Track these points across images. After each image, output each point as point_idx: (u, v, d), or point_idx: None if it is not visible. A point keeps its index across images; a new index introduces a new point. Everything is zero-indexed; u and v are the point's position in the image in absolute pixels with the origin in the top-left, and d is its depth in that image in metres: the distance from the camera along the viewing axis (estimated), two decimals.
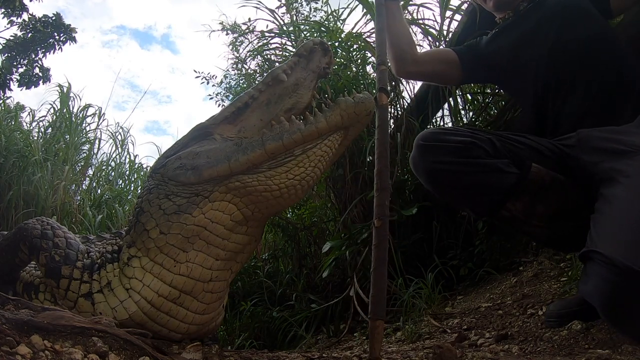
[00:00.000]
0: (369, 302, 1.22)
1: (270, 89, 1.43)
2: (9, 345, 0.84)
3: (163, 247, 1.29)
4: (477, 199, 1.52)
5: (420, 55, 1.97)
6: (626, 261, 1.04)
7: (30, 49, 5.21)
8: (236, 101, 1.43)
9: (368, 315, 1.23)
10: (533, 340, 1.57)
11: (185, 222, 1.28)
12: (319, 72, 1.49)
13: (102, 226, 4.48)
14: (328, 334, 2.67)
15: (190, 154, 1.34)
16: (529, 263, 2.46)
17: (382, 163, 1.32)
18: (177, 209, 1.29)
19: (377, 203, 1.28)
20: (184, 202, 1.29)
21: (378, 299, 1.19)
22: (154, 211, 1.32)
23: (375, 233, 1.26)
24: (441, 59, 1.96)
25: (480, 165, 1.43)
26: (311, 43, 1.47)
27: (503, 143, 1.50)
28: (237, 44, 3.89)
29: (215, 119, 1.42)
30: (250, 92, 1.41)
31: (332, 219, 3.42)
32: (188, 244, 1.29)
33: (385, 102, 1.39)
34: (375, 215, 1.27)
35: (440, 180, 1.51)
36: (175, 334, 1.35)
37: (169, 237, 1.29)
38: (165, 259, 1.30)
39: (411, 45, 1.96)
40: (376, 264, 1.23)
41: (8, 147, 4.71)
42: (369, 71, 3.42)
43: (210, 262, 1.31)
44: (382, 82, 1.43)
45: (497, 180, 1.45)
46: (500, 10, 1.89)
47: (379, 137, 1.36)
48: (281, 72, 1.38)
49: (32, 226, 1.41)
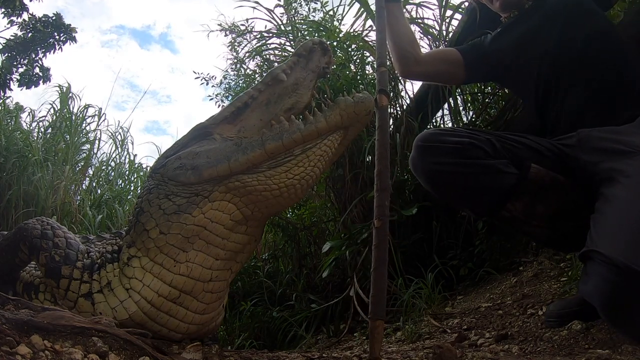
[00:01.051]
0: (369, 302, 1.22)
1: (270, 89, 1.43)
2: (9, 345, 0.84)
3: (163, 247, 1.29)
4: (476, 200, 1.51)
5: (423, 56, 1.96)
6: (626, 261, 1.04)
7: (30, 48, 5.21)
8: (236, 101, 1.43)
9: (368, 315, 1.23)
10: (533, 340, 1.57)
11: (185, 222, 1.28)
12: (318, 71, 1.49)
13: (102, 226, 4.48)
14: (328, 334, 2.66)
15: (190, 154, 1.34)
16: (529, 263, 2.46)
17: (382, 164, 1.32)
18: (177, 209, 1.29)
19: (377, 204, 1.28)
20: (183, 202, 1.29)
21: (378, 299, 1.20)
22: (153, 211, 1.32)
23: (375, 233, 1.26)
24: (444, 58, 1.95)
25: (480, 166, 1.43)
26: (310, 43, 1.46)
27: (502, 143, 1.50)
28: (235, 45, 3.89)
29: (214, 119, 1.42)
30: (249, 92, 1.41)
31: (332, 219, 3.42)
32: (188, 244, 1.29)
33: (385, 104, 1.39)
34: (375, 215, 1.27)
35: (439, 181, 1.51)
36: (175, 334, 1.35)
37: (169, 237, 1.29)
38: (165, 259, 1.30)
39: (414, 46, 1.95)
40: (376, 264, 1.23)
41: (8, 147, 4.71)
42: (369, 71, 3.43)
43: (210, 262, 1.31)
44: (382, 84, 1.42)
45: (496, 180, 1.44)
46: (506, 11, 1.88)
47: (379, 138, 1.36)
48: (281, 72, 1.38)
49: (32, 226, 1.41)
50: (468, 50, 1.92)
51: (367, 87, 3.21)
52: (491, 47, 1.86)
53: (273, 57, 3.74)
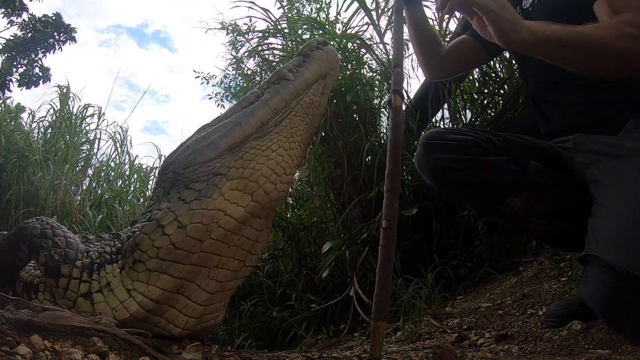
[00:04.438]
0: (373, 301, 1.22)
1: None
2: (9, 345, 0.84)
3: (179, 242, 1.27)
4: (478, 195, 1.58)
5: (446, 59, 1.92)
6: (625, 266, 1.04)
7: (30, 49, 5.21)
8: (242, 101, 1.46)
9: (370, 315, 1.23)
10: (533, 340, 1.57)
11: (207, 207, 1.27)
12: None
13: (102, 226, 4.47)
14: (328, 334, 2.66)
15: (198, 140, 1.37)
16: (529, 263, 2.46)
17: (393, 164, 1.35)
18: (197, 195, 1.29)
19: (386, 204, 1.30)
20: (203, 186, 1.30)
21: (381, 299, 1.20)
22: (173, 205, 1.30)
23: (382, 234, 1.27)
24: (462, 53, 1.92)
25: (481, 162, 1.50)
26: (315, 42, 1.52)
27: (502, 142, 1.55)
28: (235, 44, 3.88)
29: (221, 119, 1.44)
30: (256, 92, 1.46)
31: (332, 219, 3.42)
32: (206, 233, 1.28)
33: (399, 104, 1.43)
34: (383, 216, 1.29)
35: (443, 177, 1.57)
36: (174, 327, 1.36)
37: (189, 229, 1.26)
38: (179, 254, 1.27)
39: (439, 48, 1.91)
40: (382, 264, 1.24)
41: (8, 147, 4.71)
42: (366, 70, 3.43)
43: (222, 248, 1.32)
44: (397, 84, 1.47)
45: (497, 176, 1.51)
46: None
47: (392, 139, 1.40)
48: (287, 72, 1.43)
49: (31, 225, 1.41)
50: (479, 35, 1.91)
51: (365, 87, 3.21)
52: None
53: (271, 57, 3.74)
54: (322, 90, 1.48)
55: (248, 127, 1.34)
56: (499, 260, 2.57)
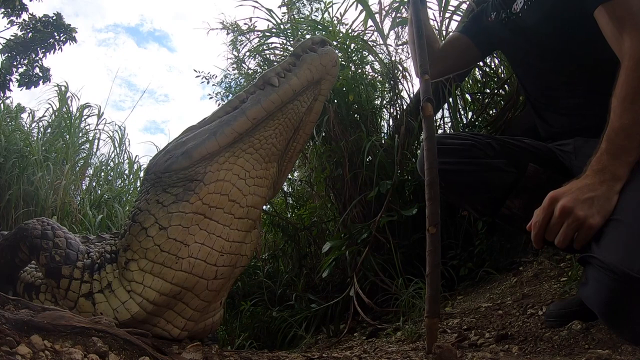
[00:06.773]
0: (425, 301, 1.34)
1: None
2: (9, 345, 0.84)
3: (164, 244, 1.28)
4: (479, 197, 1.64)
5: (439, 57, 1.94)
6: (624, 267, 1.05)
7: (30, 49, 5.20)
8: (226, 105, 1.42)
9: (425, 314, 1.34)
10: (533, 340, 1.57)
11: (184, 210, 1.27)
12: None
13: (102, 226, 4.47)
14: (328, 334, 2.66)
15: (177, 145, 1.36)
16: (529, 263, 2.46)
17: (432, 174, 1.41)
18: (174, 199, 1.29)
19: (429, 212, 1.39)
20: (180, 190, 1.29)
21: (434, 299, 1.32)
22: (152, 207, 1.31)
23: (429, 239, 1.36)
24: (455, 50, 1.95)
25: (481, 165, 1.56)
26: (310, 42, 1.37)
27: (502, 146, 1.60)
28: (236, 44, 3.88)
29: (205, 122, 1.42)
30: (241, 96, 1.38)
31: (332, 219, 3.42)
32: (189, 236, 1.28)
33: (430, 113, 1.45)
34: (429, 222, 1.37)
35: (444, 180, 1.57)
36: (173, 328, 1.36)
37: (170, 230, 1.27)
38: (167, 257, 1.29)
39: (435, 48, 1.93)
40: (431, 268, 1.35)
41: (8, 147, 4.71)
42: (368, 71, 3.43)
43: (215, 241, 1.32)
44: (427, 93, 1.50)
45: (497, 178, 1.56)
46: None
47: (428, 148, 1.44)
48: (273, 76, 1.31)
49: (32, 226, 1.41)
50: (469, 27, 1.92)
51: (367, 88, 3.21)
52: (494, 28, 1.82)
53: (273, 56, 3.74)
54: (316, 97, 1.37)
55: (222, 138, 1.27)
56: (499, 260, 2.57)
